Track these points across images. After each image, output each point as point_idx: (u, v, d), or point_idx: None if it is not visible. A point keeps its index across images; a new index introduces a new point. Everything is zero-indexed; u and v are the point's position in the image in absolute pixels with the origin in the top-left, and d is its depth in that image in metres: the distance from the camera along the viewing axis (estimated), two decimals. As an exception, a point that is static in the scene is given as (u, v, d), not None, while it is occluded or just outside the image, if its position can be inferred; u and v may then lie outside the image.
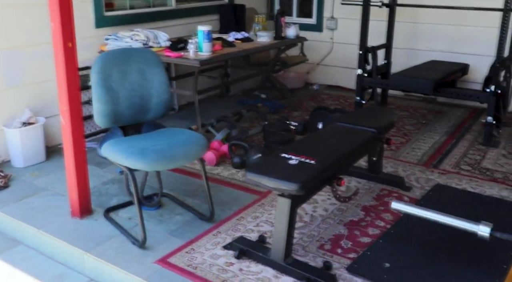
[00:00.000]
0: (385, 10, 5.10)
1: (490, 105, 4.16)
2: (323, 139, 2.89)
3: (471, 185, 3.47)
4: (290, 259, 2.47)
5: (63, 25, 2.49)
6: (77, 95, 2.70)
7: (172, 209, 3.11)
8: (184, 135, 2.80)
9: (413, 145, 4.21)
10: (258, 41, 4.57)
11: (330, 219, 2.98)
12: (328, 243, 2.73)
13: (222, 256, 2.60)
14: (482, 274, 2.42)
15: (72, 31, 2.57)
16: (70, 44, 2.55)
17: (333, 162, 2.54)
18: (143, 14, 4.51)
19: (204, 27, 3.79)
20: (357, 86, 4.74)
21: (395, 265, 2.49)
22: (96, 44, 3.98)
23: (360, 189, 3.38)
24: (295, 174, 2.33)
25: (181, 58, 3.75)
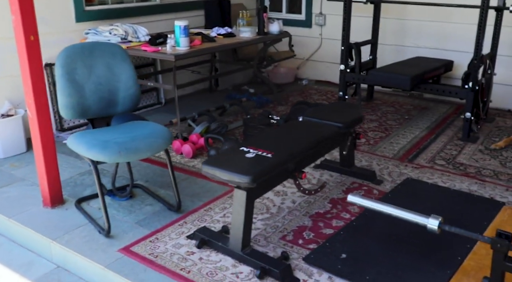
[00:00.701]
0: (372, 7, 5.12)
1: (468, 102, 4.18)
2: (286, 133, 2.94)
3: (442, 179, 3.49)
4: (248, 249, 2.52)
5: (23, 18, 2.54)
6: (42, 88, 2.76)
7: (143, 199, 3.18)
8: (148, 128, 2.86)
9: (391, 140, 4.24)
10: (241, 36, 4.61)
11: (297, 211, 3.03)
12: (290, 234, 2.78)
13: (184, 246, 2.66)
14: (435, 266, 2.46)
15: (34, 24, 2.62)
16: (32, 37, 2.60)
17: (291, 155, 2.58)
18: (126, 9, 4.57)
19: (181, 22, 3.85)
20: (340, 82, 4.77)
21: (352, 256, 2.54)
22: (76, 39, 4.04)
23: (331, 182, 3.43)
24: (249, 167, 2.38)
25: (157, 52, 3.81)
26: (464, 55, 4.99)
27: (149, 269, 2.48)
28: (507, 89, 5.15)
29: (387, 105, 5.25)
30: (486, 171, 3.65)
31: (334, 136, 2.99)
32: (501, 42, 4.88)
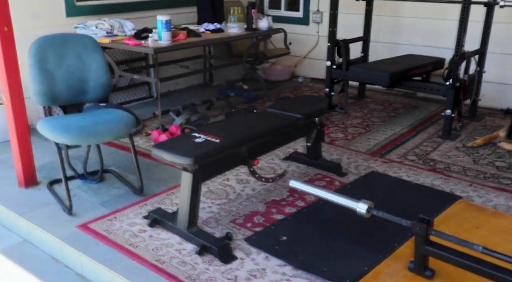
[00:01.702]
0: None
1: (449, 99, 4.20)
2: (244, 122, 3.06)
3: (408, 173, 3.55)
4: (195, 229, 2.66)
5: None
6: (17, 76, 2.97)
7: (112, 183, 3.36)
8: (113, 115, 3.04)
9: (370, 136, 4.30)
10: (229, 32, 4.75)
11: (254, 198, 3.15)
12: (241, 218, 2.90)
13: (138, 225, 2.82)
14: (369, 251, 2.54)
15: (8, 15, 2.83)
16: (6, 28, 2.81)
17: (239, 141, 2.71)
18: (118, 5, 4.78)
19: (163, 17, 4.02)
20: (326, 78, 4.86)
21: (291, 239, 2.65)
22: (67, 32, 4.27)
23: (296, 173, 3.53)
24: (193, 150, 2.52)
25: (139, 46, 3.99)
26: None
27: (101, 243, 2.65)
28: (500, 88, 5.12)
29: (376, 103, 5.29)
30: (456, 167, 3.68)
31: (291, 127, 3.09)
32: (494, 40, 4.88)
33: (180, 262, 2.47)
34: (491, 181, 3.45)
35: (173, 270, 2.41)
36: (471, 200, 3.17)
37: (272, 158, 3.77)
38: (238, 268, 2.43)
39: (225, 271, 2.41)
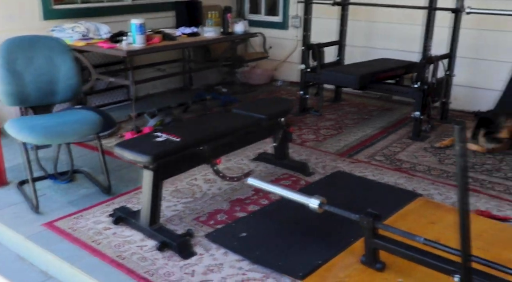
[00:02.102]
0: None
1: (417, 101, 4.30)
2: (207, 122, 3.15)
3: (374, 173, 3.63)
4: (156, 226, 2.73)
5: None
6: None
7: (82, 183, 3.42)
8: (80, 115, 3.12)
9: (340, 137, 4.39)
10: (205, 35, 4.84)
11: (220, 197, 3.22)
12: (205, 216, 2.97)
13: (103, 222, 2.88)
14: (324, 246, 2.61)
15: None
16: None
17: (198, 141, 2.78)
18: (95, 8, 4.85)
19: (137, 20, 4.10)
20: (300, 81, 4.95)
21: (251, 235, 2.72)
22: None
23: (263, 172, 3.61)
24: (151, 148, 2.59)
25: (112, 49, 4.06)
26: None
27: (65, 240, 2.71)
28: (472, 92, 5.23)
29: (352, 106, 5.39)
30: (421, 166, 3.77)
31: (254, 127, 3.17)
32: (466, 45, 5.00)
33: (141, 258, 2.54)
34: (453, 179, 3.54)
35: (133, 265, 2.47)
36: (431, 197, 3.26)
37: (241, 158, 3.85)
38: (196, 263, 2.50)
39: (183, 266, 2.48)
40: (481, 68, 5.11)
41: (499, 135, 3.99)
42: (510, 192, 3.36)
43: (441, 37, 4.76)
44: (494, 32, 4.96)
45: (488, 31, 4.99)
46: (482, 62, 5.10)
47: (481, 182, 3.51)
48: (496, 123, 4.01)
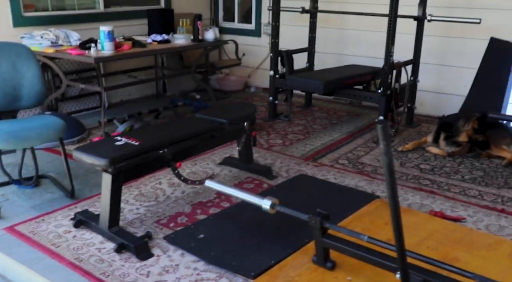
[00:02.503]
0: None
1: (381, 106, 4.41)
2: (169, 127, 3.21)
3: (336, 176, 3.72)
4: (116, 228, 2.78)
5: None
6: None
7: (47, 188, 3.46)
8: (44, 121, 3.16)
9: (307, 142, 4.48)
10: (175, 43, 4.92)
11: (182, 200, 3.29)
12: (166, 219, 3.03)
13: (65, 226, 2.93)
14: (279, 246, 2.68)
15: None
16: None
17: (158, 145, 2.85)
18: (67, 16, 4.90)
19: (106, 27, 4.16)
20: (270, 87, 5.04)
21: (208, 236, 2.79)
22: (14, 42, 4.38)
23: (227, 176, 3.68)
24: (110, 152, 2.65)
25: (81, 55, 4.12)
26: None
27: (24, 244, 2.75)
28: (438, 97, 5.37)
29: (322, 112, 5.49)
30: (382, 170, 3.86)
31: (215, 131, 3.24)
32: (432, 51, 5.14)
33: (98, 260, 2.59)
34: (412, 182, 3.65)
35: (89, 267, 2.52)
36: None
37: (207, 163, 3.92)
38: (152, 264, 2.56)
39: (140, 267, 2.53)
40: (447, 74, 5.25)
41: (458, 139, 4.11)
42: (465, 194, 3.47)
43: (408, 44, 4.89)
44: (459, 39, 5.11)
45: (454, 38, 5.14)
46: (447, 68, 5.24)
47: (439, 184, 3.62)
48: (455, 128, 4.13)
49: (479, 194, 3.47)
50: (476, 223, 3.06)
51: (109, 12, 5.29)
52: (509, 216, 3.15)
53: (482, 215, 3.15)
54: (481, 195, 3.46)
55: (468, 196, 3.43)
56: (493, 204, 3.32)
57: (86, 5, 5.17)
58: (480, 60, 4.95)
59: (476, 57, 5.00)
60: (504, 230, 2.97)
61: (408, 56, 4.80)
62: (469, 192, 3.50)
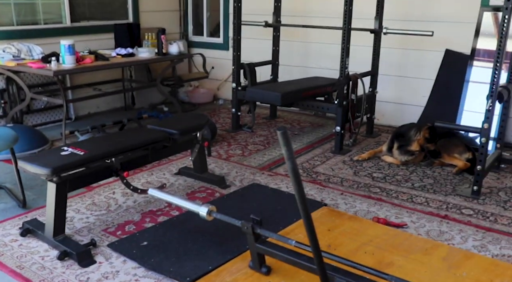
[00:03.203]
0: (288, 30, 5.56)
1: (338, 117, 4.52)
2: (118, 138, 3.29)
3: (288, 185, 3.80)
4: (61, 236, 2.83)
5: None
6: None
7: (1, 198, 3.51)
8: (-5, 131, 3.22)
9: (266, 152, 4.57)
10: (139, 56, 5.01)
11: (133, 209, 3.35)
12: (114, 227, 3.09)
13: (12, 235, 2.97)
14: (220, 253, 2.74)
15: None
16: None
17: (102, 155, 2.92)
18: (33, 31, 4.98)
19: (66, 41, 4.24)
20: (232, 99, 5.14)
21: (151, 244, 2.85)
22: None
23: (181, 186, 3.75)
24: (53, 161, 2.71)
25: (41, 68, 4.19)
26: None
27: (-32, 253, 2.79)
28: (398, 107, 5.50)
29: (286, 123, 5.60)
30: (335, 178, 3.96)
31: (164, 141, 3.32)
32: (391, 63, 5.29)
33: (40, 267, 2.64)
34: (362, 190, 3.74)
35: (30, 274, 2.57)
36: (336, 206, 3.45)
37: (164, 173, 3.99)
38: (93, 271, 2.61)
39: (80, 274, 2.58)
40: (406, 85, 5.39)
41: (410, 148, 4.22)
42: (412, 201, 3.57)
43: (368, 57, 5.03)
44: (417, 51, 5.25)
45: (412, 50, 5.28)
46: (407, 79, 5.38)
47: (388, 192, 3.71)
48: (407, 137, 4.24)
49: (426, 201, 3.57)
50: (418, 228, 3.15)
51: (76, 26, 5.38)
52: (450, 221, 3.25)
53: (425, 221, 3.25)
54: (427, 201, 3.56)
55: (414, 203, 3.53)
56: (437, 210, 3.42)
57: (53, 20, 5.25)
58: (437, 71, 5.12)
59: (434, 68, 5.16)
60: (444, 235, 3.06)
61: (368, 68, 4.94)
62: (416, 199, 3.60)
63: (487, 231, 3.12)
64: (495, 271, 2.66)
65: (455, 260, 2.76)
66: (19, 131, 3.82)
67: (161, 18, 6.35)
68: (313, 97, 4.91)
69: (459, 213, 3.38)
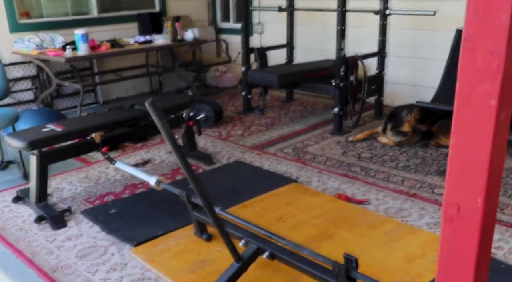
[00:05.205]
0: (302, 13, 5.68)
1: (335, 98, 4.57)
2: (101, 116, 3.61)
3: (271, 163, 3.95)
4: (43, 203, 3.20)
5: None
6: None
7: (11, 171, 3.97)
8: None
9: (266, 133, 4.72)
10: (155, 43, 5.33)
11: (119, 182, 3.67)
12: (94, 197, 3.43)
13: (7, 201, 3.40)
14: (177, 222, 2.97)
15: None
16: None
17: (80, 131, 3.25)
18: (62, 22, 5.45)
19: (80, 31, 4.65)
20: (243, 82, 5.33)
21: (119, 212, 3.15)
22: (9, 47, 4.97)
23: (170, 162, 4.02)
24: (32, 136, 3.07)
25: (57, 56, 4.63)
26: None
27: (-31, 215, 3.25)
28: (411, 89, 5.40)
29: (299, 105, 5.70)
30: (321, 158, 4.05)
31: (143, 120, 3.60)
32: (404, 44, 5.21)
33: (18, 229, 3.03)
34: (342, 169, 3.81)
35: (7, 234, 2.96)
36: (308, 183, 3.55)
37: (160, 151, 4.29)
38: (61, 233, 2.95)
39: (49, 235, 2.93)
40: (419, 66, 5.28)
41: (402, 129, 4.19)
42: (388, 180, 3.59)
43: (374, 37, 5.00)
44: (430, 31, 5.12)
45: (424, 31, 5.16)
46: (419, 60, 5.27)
47: (367, 171, 3.75)
48: (399, 118, 4.21)
49: (401, 180, 3.57)
50: (378, 205, 3.19)
51: (102, 17, 5.80)
52: (416, 200, 3.26)
53: (390, 199, 3.28)
54: (403, 181, 3.56)
55: (388, 182, 3.55)
56: (408, 189, 3.42)
57: (81, 11, 5.71)
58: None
59: (447, 49, 5.01)
60: (402, 212, 3.09)
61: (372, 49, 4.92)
62: (393, 178, 3.61)
63: (450, 210, 3.09)
64: (432, 245, 2.68)
65: (397, 234, 2.80)
66: (41, 114, 4.32)
67: (189, 6, 6.64)
68: (316, 79, 4.96)
69: (430, 193, 3.36)
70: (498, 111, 0.90)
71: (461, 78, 0.92)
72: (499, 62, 0.86)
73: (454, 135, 1.03)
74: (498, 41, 0.84)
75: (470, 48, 0.89)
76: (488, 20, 0.87)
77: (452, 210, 1.08)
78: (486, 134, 0.93)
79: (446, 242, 1.16)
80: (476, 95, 0.92)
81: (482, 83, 0.90)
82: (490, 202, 1.00)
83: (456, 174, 1.01)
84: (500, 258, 2.59)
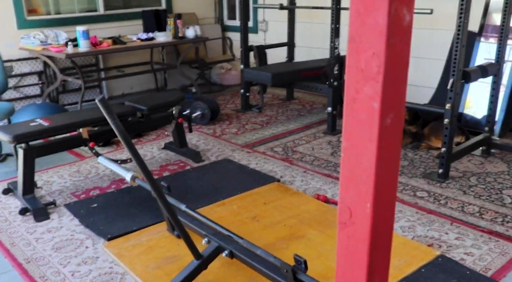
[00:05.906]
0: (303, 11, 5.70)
1: (329, 97, 4.58)
2: (89, 112, 3.70)
3: (258, 161, 3.99)
4: (29, 195, 3.32)
5: None
6: None
7: (9, 163, 4.12)
8: (-5, 105, 3.80)
9: (259, 132, 4.75)
10: (157, 40, 5.42)
11: (107, 177, 3.77)
12: (81, 191, 3.53)
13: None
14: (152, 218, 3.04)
15: None
16: None
17: (66, 126, 3.35)
18: (68, 18, 5.58)
19: (81, 27, 4.76)
20: (241, 80, 5.37)
21: (100, 206, 3.24)
22: (16, 43, 5.12)
23: (161, 158, 4.10)
24: (18, 130, 3.19)
25: (59, 52, 4.75)
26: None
27: (-39, 205, 3.39)
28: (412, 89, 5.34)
29: (299, 104, 5.71)
30: (309, 157, 4.07)
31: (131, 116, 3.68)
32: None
33: (3, 219, 3.15)
34: (328, 169, 3.82)
35: (-8, 224, 3.09)
36: (292, 182, 3.58)
37: (152, 147, 4.37)
38: (42, 225, 3.06)
39: (30, 227, 3.04)
40: (417, 66, 5.23)
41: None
42: (371, 181, 3.58)
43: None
44: (428, 30, 5.07)
45: (422, 30, 5.11)
46: (418, 60, 5.22)
47: (352, 172, 3.75)
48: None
49: (385, 182, 3.56)
50: (356, 207, 3.19)
51: (108, 14, 5.92)
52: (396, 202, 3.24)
53: (369, 201, 3.27)
54: (386, 183, 3.55)
55: (371, 183, 3.54)
56: (389, 191, 3.41)
57: (87, 9, 5.84)
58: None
59: (446, 48, 4.96)
60: (378, 215, 3.09)
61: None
62: (376, 179, 3.60)
63: (427, 214, 3.10)
64: (401, 249, 2.68)
65: (367, 237, 2.81)
66: (44, 108, 4.45)
67: (195, 3, 6.71)
68: (312, 78, 4.97)
69: (411, 195, 3.36)
70: (382, 114, 0.86)
71: (348, 80, 0.89)
72: (379, 63, 0.83)
73: (344, 139, 0.98)
74: (377, 42, 0.81)
75: (354, 49, 0.86)
76: (367, 21, 0.83)
77: (345, 215, 1.07)
78: (370, 139, 0.89)
79: (341, 248, 1.16)
80: (361, 98, 0.89)
81: (366, 85, 0.87)
82: (381, 206, 0.99)
83: (346, 178, 0.98)
84: (468, 264, 2.58)
